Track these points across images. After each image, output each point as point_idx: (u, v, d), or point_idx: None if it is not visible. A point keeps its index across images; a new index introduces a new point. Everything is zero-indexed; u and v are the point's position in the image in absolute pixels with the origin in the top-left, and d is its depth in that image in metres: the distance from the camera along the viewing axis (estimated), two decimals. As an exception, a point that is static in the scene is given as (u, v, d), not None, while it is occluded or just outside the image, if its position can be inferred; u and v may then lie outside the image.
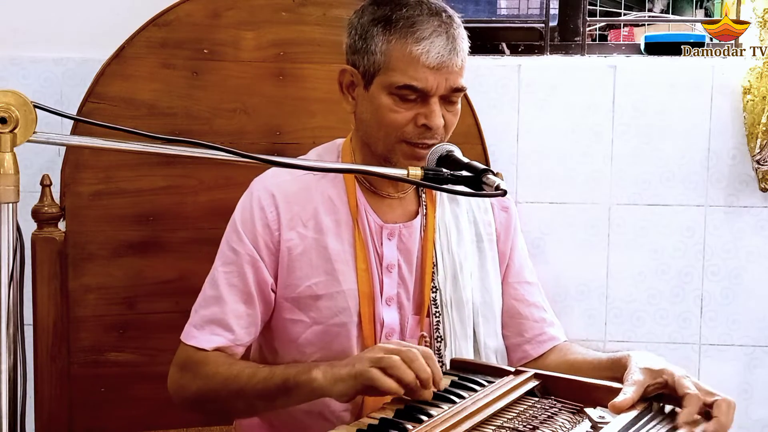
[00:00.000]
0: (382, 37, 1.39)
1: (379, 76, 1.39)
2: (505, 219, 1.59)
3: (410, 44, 1.37)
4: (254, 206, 1.46)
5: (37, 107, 1.01)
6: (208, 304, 1.46)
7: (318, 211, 1.46)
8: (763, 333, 2.19)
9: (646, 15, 3.61)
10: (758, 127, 2.07)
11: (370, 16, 1.41)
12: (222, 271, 1.46)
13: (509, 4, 2.86)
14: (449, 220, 1.52)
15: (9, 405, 1.03)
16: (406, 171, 1.28)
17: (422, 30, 1.37)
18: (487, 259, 1.54)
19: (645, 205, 2.18)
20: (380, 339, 1.45)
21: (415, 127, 1.39)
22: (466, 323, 1.49)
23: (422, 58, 1.36)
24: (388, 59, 1.38)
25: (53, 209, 1.76)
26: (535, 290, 1.60)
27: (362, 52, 1.41)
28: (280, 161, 1.20)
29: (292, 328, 1.47)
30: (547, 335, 1.56)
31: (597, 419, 1.15)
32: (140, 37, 1.81)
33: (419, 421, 1.13)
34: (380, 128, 1.41)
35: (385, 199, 1.49)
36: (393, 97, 1.39)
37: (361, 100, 1.44)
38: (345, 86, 1.46)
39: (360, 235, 1.45)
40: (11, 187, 1.00)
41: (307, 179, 1.48)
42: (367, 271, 1.44)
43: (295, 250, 1.45)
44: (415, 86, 1.37)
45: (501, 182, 1.28)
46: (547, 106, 2.16)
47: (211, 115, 1.85)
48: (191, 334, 1.46)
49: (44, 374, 1.76)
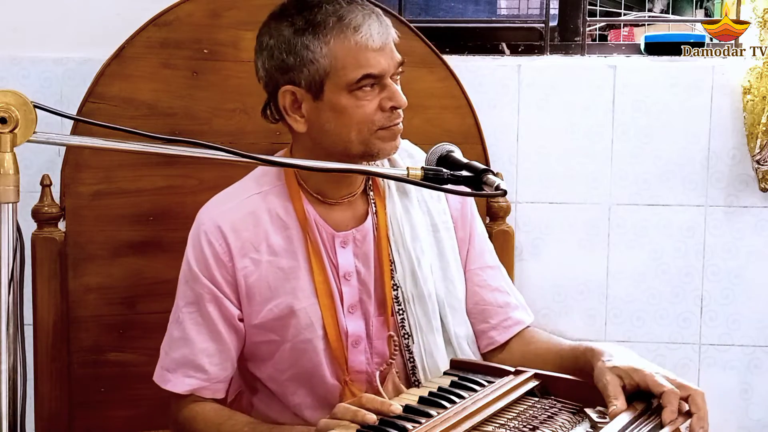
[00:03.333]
0: (316, 42, 1.34)
1: (330, 80, 1.35)
2: (459, 205, 1.55)
3: (350, 36, 1.34)
4: (203, 241, 1.44)
5: (37, 107, 1.01)
6: (178, 346, 1.46)
7: (268, 233, 1.44)
8: (763, 333, 2.19)
9: (646, 15, 3.61)
10: (758, 127, 2.07)
11: (290, 29, 1.36)
12: (186, 312, 1.45)
13: (509, 4, 2.85)
14: (401, 215, 1.49)
15: (9, 405, 1.03)
16: (406, 171, 1.28)
17: (354, 19, 1.34)
18: (446, 249, 1.52)
19: (645, 205, 2.18)
20: (348, 348, 1.44)
21: (383, 113, 1.37)
22: (431, 316, 1.47)
23: (369, 44, 1.34)
24: (334, 60, 1.34)
25: (53, 209, 1.76)
26: (498, 274, 1.58)
27: (298, 67, 1.35)
28: (280, 161, 1.21)
29: (265, 348, 1.46)
30: (513, 320, 1.55)
31: (597, 419, 1.15)
32: (140, 37, 1.81)
33: (419, 422, 1.13)
34: (351, 129, 1.37)
35: (333, 206, 1.46)
36: (354, 94, 1.35)
37: (315, 113, 1.38)
38: (288, 108, 1.39)
39: (313, 248, 1.43)
40: (11, 187, 1.00)
41: (252, 202, 1.45)
42: (325, 283, 1.43)
43: (251, 277, 1.43)
44: (373, 73, 1.34)
45: (501, 182, 1.28)
46: (547, 106, 2.16)
47: (211, 115, 1.85)
48: (165, 378, 1.46)
49: (44, 374, 1.76)
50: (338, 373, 1.44)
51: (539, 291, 2.14)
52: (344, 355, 1.44)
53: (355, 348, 1.44)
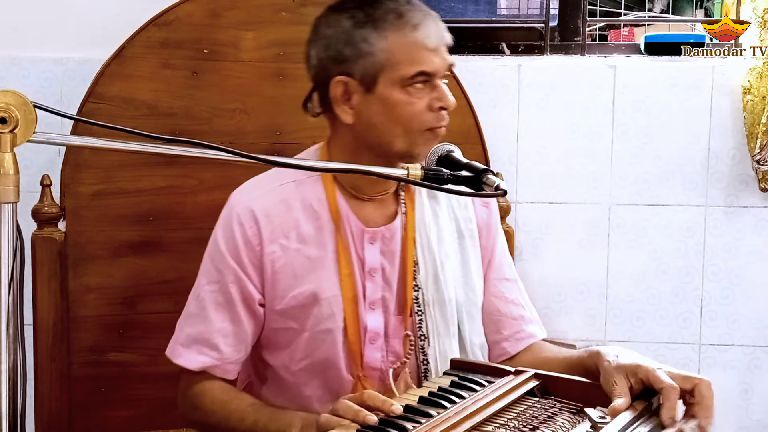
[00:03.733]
0: (375, 35, 1.37)
1: (384, 74, 1.37)
2: (486, 215, 1.57)
3: (409, 33, 1.36)
4: (234, 223, 1.45)
5: (37, 107, 1.01)
6: (194, 323, 1.46)
7: (299, 221, 1.45)
8: (763, 333, 2.19)
9: (646, 15, 3.61)
10: (758, 127, 2.07)
11: (350, 21, 1.39)
12: (207, 290, 1.46)
13: (509, 4, 2.86)
14: (429, 218, 1.51)
15: (9, 405, 1.03)
16: (406, 171, 1.28)
17: (413, 17, 1.37)
18: (470, 256, 1.54)
19: (645, 205, 2.18)
20: (365, 343, 1.45)
21: (432, 112, 1.39)
22: (449, 321, 1.48)
23: (425, 43, 1.37)
24: (391, 54, 1.37)
25: (53, 209, 1.76)
26: (515, 287, 1.59)
27: (354, 58, 1.38)
28: (279, 161, 1.20)
29: (283, 335, 1.47)
30: (525, 332, 1.56)
31: (597, 419, 1.15)
32: (140, 37, 1.81)
33: (419, 422, 1.13)
34: (399, 124, 1.39)
35: (365, 203, 1.47)
36: (406, 90, 1.37)
37: (364, 105, 1.40)
38: (339, 98, 1.41)
39: (342, 240, 1.44)
40: (11, 187, 1.00)
41: (285, 189, 1.46)
42: (350, 276, 1.44)
43: (278, 263, 1.44)
44: (427, 71, 1.37)
45: (501, 182, 1.28)
46: (547, 106, 2.16)
47: (211, 115, 1.85)
48: (178, 352, 1.46)
49: (44, 374, 1.76)
50: (352, 368, 1.45)
51: (539, 291, 2.14)
52: (360, 350, 1.44)
53: (372, 344, 1.45)
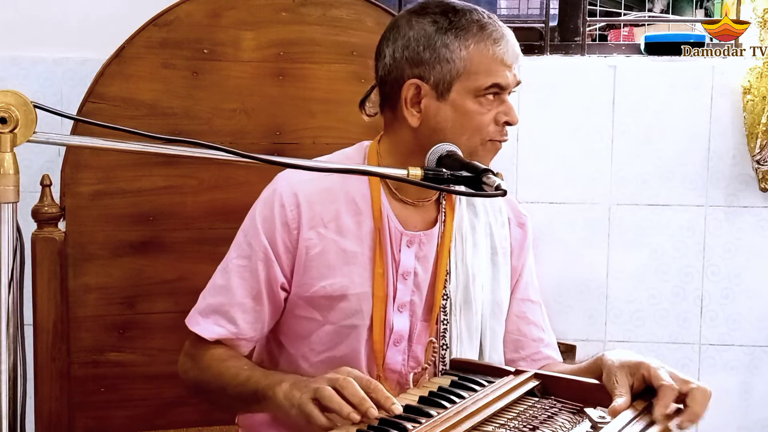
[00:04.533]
0: (457, 43, 1.38)
1: (459, 82, 1.39)
2: (520, 235, 1.59)
3: (490, 46, 1.38)
4: (275, 203, 1.45)
5: (37, 107, 1.01)
6: (217, 293, 1.47)
7: (340, 213, 1.46)
8: (763, 333, 2.19)
9: (646, 15, 3.61)
10: (758, 127, 2.07)
11: (433, 27, 1.40)
12: (235, 263, 1.46)
13: (509, 4, 2.86)
14: (466, 230, 1.52)
15: (9, 405, 1.03)
16: (406, 171, 1.28)
17: (495, 32, 1.39)
18: (501, 273, 1.55)
19: (645, 205, 2.18)
20: (388, 344, 1.45)
21: (496, 126, 1.41)
22: (473, 333, 1.49)
23: (503, 58, 1.39)
24: (469, 63, 1.38)
25: (53, 209, 1.76)
26: (538, 310, 1.61)
27: (432, 62, 1.39)
28: (279, 161, 1.20)
29: (305, 325, 1.47)
30: (542, 354, 1.57)
31: (597, 419, 1.15)
32: (140, 37, 1.81)
33: (419, 422, 1.13)
34: (464, 132, 1.40)
35: (407, 206, 1.48)
36: (479, 100, 1.39)
37: (434, 110, 1.41)
38: (409, 100, 1.42)
39: (380, 240, 1.45)
40: (11, 187, 1.00)
41: (331, 179, 1.46)
42: (383, 276, 1.44)
43: (313, 250, 1.44)
44: (500, 84, 1.39)
45: (501, 182, 1.28)
46: (547, 106, 2.16)
47: (211, 115, 1.85)
48: (196, 320, 1.47)
49: (44, 374, 1.76)
50: (372, 367, 1.45)
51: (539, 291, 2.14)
52: (383, 350, 1.45)
53: (395, 346, 1.45)
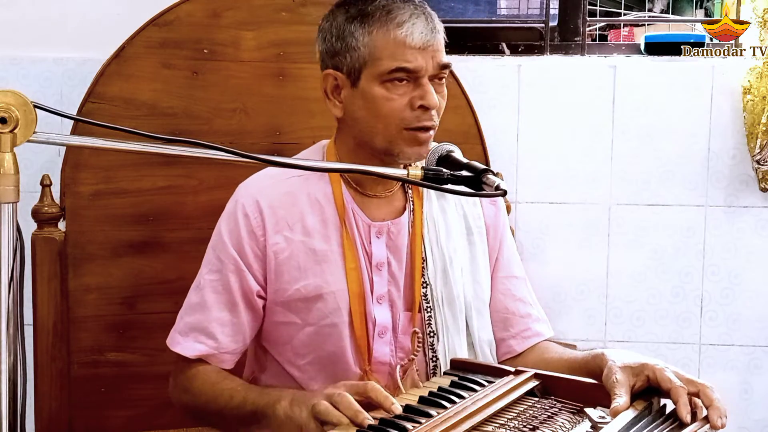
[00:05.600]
0: (361, 30, 1.39)
1: (367, 69, 1.39)
2: (494, 213, 1.58)
3: (392, 30, 1.38)
4: (239, 213, 1.46)
5: (37, 107, 1.01)
6: (193, 311, 1.47)
7: (304, 214, 1.46)
8: (763, 333, 2.19)
9: (646, 15, 3.61)
10: (758, 127, 2.07)
11: (344, 16, 1.42)
12: (207, 279, 1.47)
13: (509, 4, 2.86)
14: (437, 214, 1.51)
15: (9, 405, 1.03)
16: (406, 171, 1.28)
17: (401, 15, 1.39)
18: (478, 252, 1.54)
19: (645, 205, 2.18)
20: (374, 337, 1.45)
21: (412, 111, 1.39)
22: (458, 318, 1.49)
23: (407, 40, 1.37)
24: (373, 50, 1.38)
25: (53, 209, 1.76)
26: (522, 285, 1.60)
27: (342, 52, 1.41)
28: (280, 161, 1.20)
29: (285, 330, 1.47)
30: (532, 331, 1.56)
31: (597, 419, 1.15)
32: (140, 37, 1.81)
33: (419, 422, 1.13)
34: (378, 120, 1.40)
35: (372, 198, 1.48)
36: (385, 85, 1.39)
37: (350, 99, 1.43)
38: (330, 91, 1.45)
39: (348, 235, 1.45)
40: (11, 187, 1.00)
41: (291, 182, 1.47)
42: (356, 270, 1.44)
43: (281, 254, 1.44)
44: (407, 67, 1.38)
45: (501, 182, 1.28)
46: (547, 106, 2.16)
47: (211, 115, 1.85)
48: (176, 340, 1.48)
49: (44, 374, 1.76)
50: (360, 362, 1.45)
51: (539, 291, 2.11)
52: (368, 344, 1.45)
53: (380, 338, 1.45)
